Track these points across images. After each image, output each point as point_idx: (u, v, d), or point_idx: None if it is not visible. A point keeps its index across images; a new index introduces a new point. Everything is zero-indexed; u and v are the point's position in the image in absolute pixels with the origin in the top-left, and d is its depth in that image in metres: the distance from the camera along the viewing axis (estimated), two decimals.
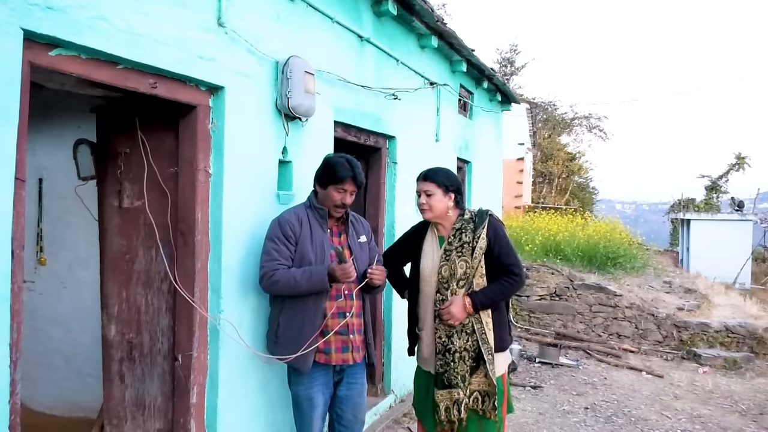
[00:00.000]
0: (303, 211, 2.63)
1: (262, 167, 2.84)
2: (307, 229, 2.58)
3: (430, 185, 2.75)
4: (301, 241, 2.55)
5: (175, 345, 2.62)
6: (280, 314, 2.58)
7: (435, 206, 2.75)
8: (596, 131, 29.38)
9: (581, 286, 7.92)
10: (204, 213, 2.54)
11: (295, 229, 2.55)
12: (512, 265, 2.67)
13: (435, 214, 2.77)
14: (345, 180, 2.58)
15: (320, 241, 2.59)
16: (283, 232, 2.53)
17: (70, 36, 1.87)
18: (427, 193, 2.76)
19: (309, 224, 2.60)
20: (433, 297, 2.74)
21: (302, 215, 2.61)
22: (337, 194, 2.60)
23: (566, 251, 9.90)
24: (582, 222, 13.38)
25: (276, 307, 2.63)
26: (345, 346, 2.63)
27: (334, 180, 2.58)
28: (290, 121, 3.02)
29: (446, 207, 2.75)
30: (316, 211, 2.63)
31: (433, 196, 2.75)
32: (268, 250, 2.53)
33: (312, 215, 2.63)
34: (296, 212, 2.62)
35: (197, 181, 2.51)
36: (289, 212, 2.62)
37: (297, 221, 2.58)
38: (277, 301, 2.61)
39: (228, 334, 2.58)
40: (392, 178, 4.46)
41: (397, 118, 4.42)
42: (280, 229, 2.54)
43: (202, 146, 2.53)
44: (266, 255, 2.52)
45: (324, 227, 2.64)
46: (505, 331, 2.76)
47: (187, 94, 2.43)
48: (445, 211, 2.76)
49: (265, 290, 2.57)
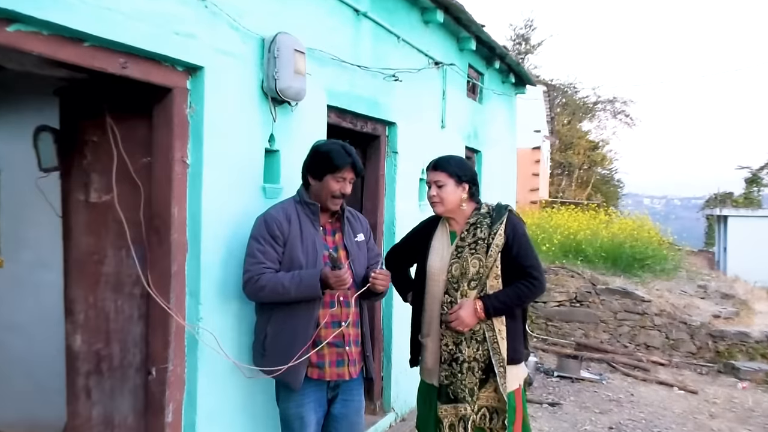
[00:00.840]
0: (292, 207, 2.62)
1: (246, 157, 2.84)
2: (297, 228, 2.57)
3: (441, 175, 2.76)
4: (289, 241, 2.55)
5: (148, 357, 2.63)
6: (268, 324, 2.58)
7: (447, 199, 2.76)
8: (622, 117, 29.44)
9: (605, 291, 7.93)
10: (181, 208, 2.55)
11: (283, 228, 2.54)
12: (532, 268, 2.68)
13: (447, 208, 2.78)
14: (344, 167, 2.58)
15: (312, 240, 2.59)
16: (269, 232, 2.52)
17: (30, 10, 1.86)
18: (437, 184, 2.76)
19: (299, 222, 2.59)
20: (440, 299, 2.75)
21: (291, 212, 2.60)
22: (335, 184, 2.60)
23: (588, 252, 9.92)
24: (605, 219, 13.38)
25: (263, 315, 2.63)
26: (340, 359, 2.63)
27: (332, 168, 2.58)
28: (278, 106, 3.03)
29: (459, 199, 2.76)
30: (307, 207, 2.63)
31: (444, 188, 2.75)
32: (252, 251, 2.52)
33: (302, 211, 2.62)
34: (284, 208, 2.61)
35: (173, 173, 2.51)
36: (275, 208, 2.61)
37: (285, 219, 2.56)
38: (265, 310, 2.61)
39: (208, 344, 2.58)
40: (392, 170, 4.47)
41: (397, 103, 4.42)
42: (266, 227, 2.53)
43: (179, 134, 2.53)
44: (250, 257, 2.52)
45: (316, 225, 2.63)
46: (519, 342, 2.78)
47: (162, 75, 2.43)
48: (457, 204, 2.77)
49: (250, 297, 2.57)
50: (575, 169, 27.25)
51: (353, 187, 2.72)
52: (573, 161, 26.79)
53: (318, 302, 2.54)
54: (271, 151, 3.03)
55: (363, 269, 2.77)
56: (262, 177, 2.97)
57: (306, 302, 2.51)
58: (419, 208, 4.82)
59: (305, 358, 2.52)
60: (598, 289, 8.00)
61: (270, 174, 3.03)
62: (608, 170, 30.88)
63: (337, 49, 3.57)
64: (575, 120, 28.94)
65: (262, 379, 2.69)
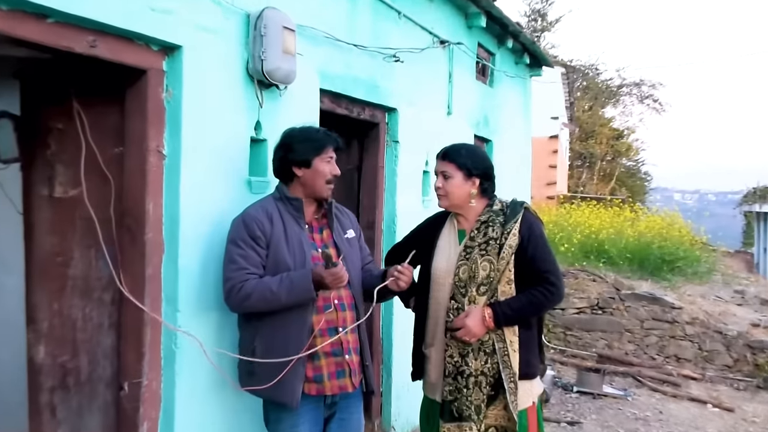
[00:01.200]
0: (272, 205, 2.61)
1: (229, 147, 2.84)
2: (280, 227, 2.57)
3: (448, 166, 2.77)
4: (273, 242, 2.54)
5: (120, 370, 2.63)
6: (255, 337, 2.56)
7: (452, 192, 2.76)
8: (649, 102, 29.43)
9: (630, 297, 7.94)
10: (156, 204, 2.55)
11: (264, 228, 2.53)
12: (549, 273, 2.67)
13: (452, 203, 2.79)
14: (327, 145, 2.63)
15: (298, 240, 2.58)
16: (250, 233, 2.51)
17: None
18: (444, 175, 2.78)
19: (282, 220, 2.58)
20: (445, 305, 2.75)
21: (272, 210, 2.59)
22: (326, 166, 2.62)
23: (611, 253, 9.92)
24: (631, 216, 13.40)
25: (248, 328, 2.61)
26: (341, 369, 2.63)
27: (317, 149, 2.61)
28: (265, 90, 3.02)
29: (467, 194, 2.76)
30: (289, 203, 2.62)
31: (451, 180, 2.76)
32: (232, 257, 2.50)
33: (284, 209, 2.62)
34: (264, 207, 2.60)
35: (148, 165, 2.51)
36: (254, 208, 2.60)
37: (266, 218, 2.55)
38: (251, 321, 2.59)
39: (188, 356, 2.59)
40: (393, 161, 4.47)
41: (399, 86, 4.42)
42: (246, 229, 2.52)
43: (154, 121, 2.53)
44: (231, 264, 2.50)
45: (301, 222, 2.63)
46: (533, 354, 2.78)
47: (136, 56, 2.43)
48: (465, 200, 2.77)
49: (234, 308, 2.56)
50: (597, 160, 27.24)
51: (349, 182, 2.73)
52: (595, 151, 26.78)
53: (311, 307, 2.54)
54: (258, 140, 3.03)
55: (358, 269, 2.77)
56: (248, 169, 2.97)
57: (297, 308, 2.51)
58: (423, 204, 4.82)
59: (301, 372, 2.52)
60: (623, 294, 8.00)
61: (256, 166, 3.03)
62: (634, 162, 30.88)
63: (331, 27, 3.57)
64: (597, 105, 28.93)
65: (248, 397, 2.69)
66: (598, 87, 29.09)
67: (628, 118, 30.51)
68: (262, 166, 3.06)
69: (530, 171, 8.45)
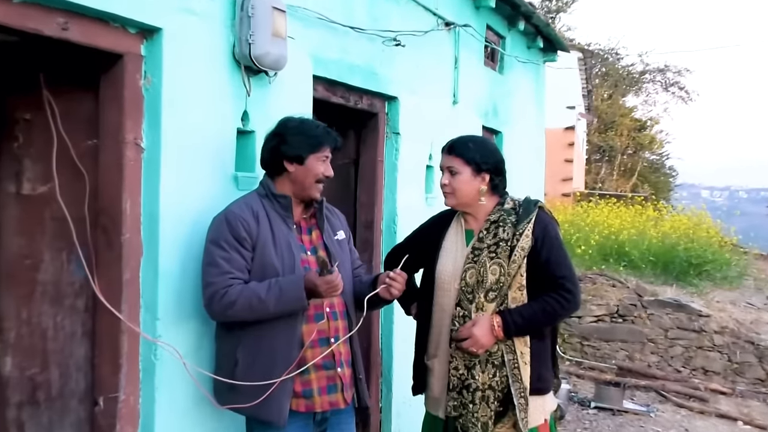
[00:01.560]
0: (257, 203, 2.61)
1: (214, 139, 2.85)
2: (267, 227, 2.56)
3: (455, 160, 2.77)
4: (260, 244, 2.54)
5: (94, 384, 2.63)
6: (237, 348, 2.55)
7: (460, 190, 2.77)
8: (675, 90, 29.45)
9: (653, 304, 7.96)
10: (134, 202, 2.56)
11: (250, 228, 2.53)
12: (564, 279, 2.68)
13: (460, 201, 2.79)
14: (324, 144, 2.62)
15: (286, 242, 2.58)
16: (233, 234, 2.50)
17: None
18: (451, 171, 2.78)
19: (268, 220, 2.58)
20: (450, 312, 2.76)
21: (257, 208, 2.59)
22: (320, 165, 2.62)
23: (632, 255, 9.94)
24: (655, 215, 13.41)
25: (230, 338, 2.61)
26: (332, 383, 2.63)
27: (314, 146, 2.60)
28: (253, 77, 3.03)
29: (476, 192, 2.77)
30: (276, 201, 2.62)
31: (458, 176, 2.77)
32: (213, 260, 2.49)
33: (270, 207, 2.61)
34: (248, 204, 2.59)
35: (125, 159, 2.51)
36: (237, 205, 2.59)
37: (252, 217, 2.55)
38: (233, 330, 2.59)
39: (168, 368, 2.60)
40: (393, 155, 4.48)
41: (400, 73, 4.43)
42: (230, 229, 2.51)
43: (132, 110, 2.53)
44: (213, 267, 2.49)
45: (289, 222, 2.63)
46: (547, 367, 2.79)
47: (111, 39, 2.43)
48: (474, 197, 2.78)
49: (215, 316, 2.56)
50: (617, 154, 27.24)
51: (345, 178, 2.74)
52: (615, 144, 26.79)
53: (301, 316, 2.54)
54: (245, 132, 3.03)
55: (350, 273, 2.79)
56: (234, 164, 2.97)
57: (286, 317, 2.51)
58: (426, 202, 4.82)
59: (289, 387, 2.52)
60: (645, 301, 8.02)
61: (243, 160, 3.04)
62: (658, 155, 30.90)
63: (326, 7, 3.58)
64: (618, 94, 28.94)
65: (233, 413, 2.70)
66: (618, 73, 29.09)
67: (651, 107, 30.58)
68: (249, 161, 3.06)
69: (544, 166, 8.45)
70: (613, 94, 28.70)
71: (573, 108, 19.09)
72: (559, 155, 18.01)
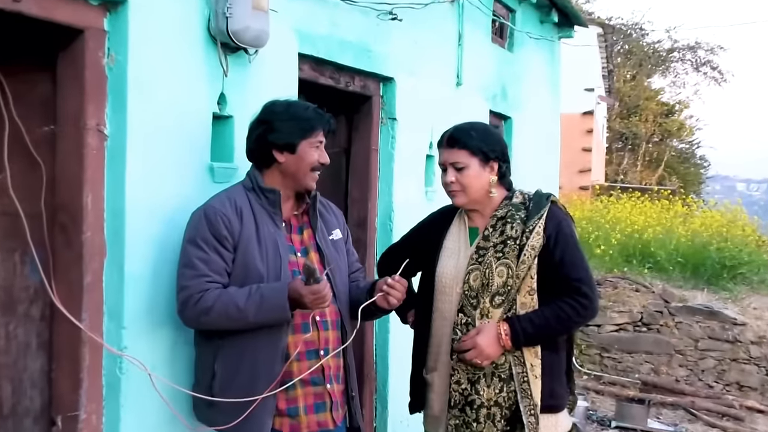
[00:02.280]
0: (241, 197, 2.61)
1: (186, 125, 2.85)
2: (251, 225, 2.56)
3: (460, 154, 2.75)
4: (242, 244, 2.53)
5: (52, 401, 2.63)
6: (215, 359, 2.56)
7: (470, 186, 2.75)
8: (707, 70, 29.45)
9: (682, 310, 7.97)
10: (96, 196, 2.55)
11: (232, 226, 2.52)
12: (581, 282, 2.68)
13: (472, 198, 2.78)
14: (317, 127, 2.61)
15: (273, 242, 2.58)
16: (213, 232, 2.50)
17: None
18: (456, 167, 2.76)
19: (253, 217, 2.58)
20: (452, 320, 2.76)
21: (241, 203, 2.59)
22: (314, 151, 2.61)
23: (658, 256, 9.96)
24: (684, 211, 13.44)
25: (208, 348, 2.61)
26: (320, 401, 2.64)
27: (305, 131, 2.59)
28: (231, 54, 3.03)
29: (487, 184, 2.77)
30: (263, 196, 2.62)
31: (466, 171, 2.75)
32: (190, 260, 2.50)
33: (256, 202, 2.61)
34: (231, 198, 2.59)
35: (86, 147, 2.51)
36: (219, 200, 2.59)
37: (234, 213, 2.55)
38: (212, 339, 2.59)
39: (136, 382, 2.59)
40: (389, 143, 4.49)
41: (396, 50, 4.43)
42: (209, 226, 2.51)
43: (93, 92, 2.53)
44: (189, 269, 2.49)
45: (277, 220, 2.63)
46: (560, 382, 2.80)
47: (70, 12, 2.42)
48: (485, 191, 2.78)
49: (189, 323, 2.57)
50: (642, 142, 27.30)
51: (335, 169, 2.74)
52: (639, 131, 26.84)
53: (286, 326, 2.54)
54: (222, 117, 3.03)
55: (345, 279, 2.79)
56: (209, 153, 2.97)
57: (269, 326, 2.51)
58: (426, 196, 4.83)
59: (271, 404, 2.52)
60: (673, 307, 8.03)
61: (220, 149, 3.04)
62: (688, 144, 30.95)
63: None
64: (642, 74, 28.96)
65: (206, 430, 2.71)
66: (643, 51, 29.10)
67: (680, 90, 30.59)
68: (227, 150, 3.06)
69: (559, 155, 8.47)
70: (637, 75, 28.71)
71: (592, 90, 19.09)
72: (576, 144, 18.02)
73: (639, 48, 29.19)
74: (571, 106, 15.85)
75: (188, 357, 2.80)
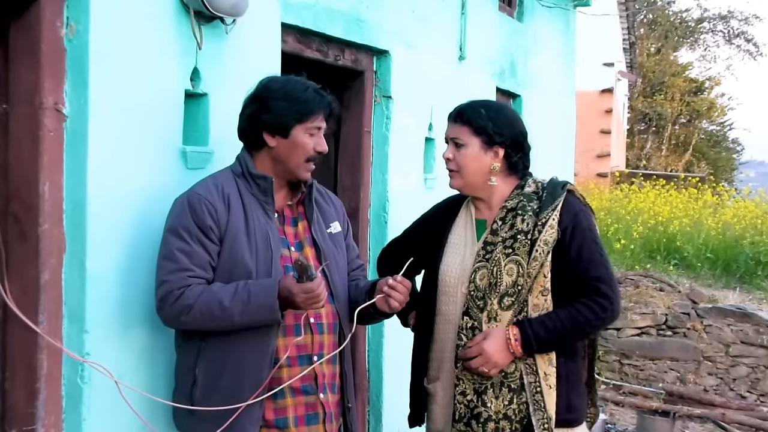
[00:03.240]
0: (230, 183, 2.62)
1: (155, 104, 2.84)
2: (240, 215, 2.57)
3: (461, 130, 2.77)
4: (230, 236, 2.54)
5: (5, 414, 2.62)
6: (197, 362, 2.57)
7: (465, 167, 2.76)
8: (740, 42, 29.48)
9: (711, 312, 7.98)
10: (55, 184, 2.55)
11: (218, 216, 2.53)
12: (599, 281, 2.67)
13: (466, 181, 2.79)
14: (316, 111, 2.59)
15: (264, 234, 2.59)
16: (197, 222, 2.51)
17: None
18: (456, 142, 2.78)
19: (242, 205, 2.59)
20: (456, 323, 2.77)
21: (229, 189, 2.59)
22: (309, 138, 2.60)
23: (685, 251, 9.98)
24: (714, 201, 13.46)
25: (189, 349, 2.62)
26: (312, 412, 2.64)
27: (302, 114, 2.58)
28: (205, 25, 3.02)
29: (486, 170, 2.77)
30: (254, 183, 2.62)
31: (464, 149, 2.76)
32: (171, 252, 2.51)
33: (247, 190, 2.62)
34: (218, 185, 2.60)
35: (42, 129, 2.50)
36: (204, 186, 2.60)
37: (221, 201, 2.56)
38: (193, 340, 2.60)
39: (101, 392, 2.59)
40: (384, 124, 4.49)
41: (392, 20, 4.43)
42: (193, 215, 2.52)
43: (51, 67, 2.52)
44: (169, 261, 2.50)
45: (269, 210, 2.64)
46: (578, 393, 2.80)
47: None
48: (483, 177, 2.78)
49: (168, 322, 2.58)
50: (667, 123, 27.34)
51: (323, 156, 2.72)
52: (664, 111, 26.88)
53: (276, 327, 2.55)
54: (195, 95, 3.03)
55: (344, 277, 2.79)
56: (181, 135, 2.97)
57: (257, 328, 2.52)
58: (425, 184, 4.83)
59: (257, 413, 2.52)
60: (701, 309, 8.04)
61: (193, 131, 3.04)
62: (719, 125, 31.01)
63: None
64: (668, 47, 28.99)
65: None
66: (669, 21, 29.14)
67: (710, 64, 30.82)
68: (201, 132, 3.06)
69: (574, 139, 8.47)
70: (662, 48, 28.74)
71: (611, 65, 19.11)
72: (594, 125, 18.05)
73: (664, 18, 29.22)
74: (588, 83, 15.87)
75: (165, 363, 2.81)
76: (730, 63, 39.11)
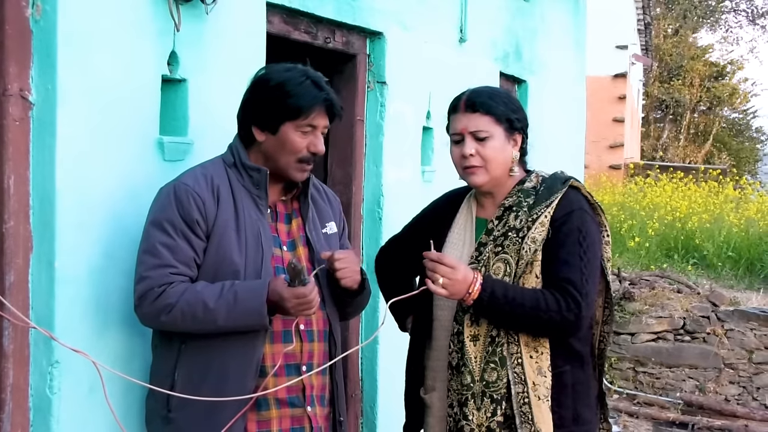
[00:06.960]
0: (220, 173, 2.62)
1: (129, 91, 2.84)
2: (230, 208, 2.57)
3: (483, 120, 2.71)
4: (217, 230, 2.55)
5: None
6: (176, 365, 2.57)
7: (494, 160, 2.71)
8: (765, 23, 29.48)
9: (732, 315, 7.99)
10: (21, 178, 2.55)
11: (206, 209, 2.53)
12: (569, 283, 2.60)
13: (493, 176, 2.74)
14: (312, 108, 2.56)
15: (254, 231, 2.59)
16: (183, 214, 2.51)
17: None
18: (477, 136, 2.72)
19: (233, 198, 2.59)
20: (449, 329, 2.76)
21: (219, 180, 2.59)
22: (300, 138, 2.58)
23: (705, 249, 9.99)
24: (736, 195, 13.47)
25: (168, 352, 2.62)
26: (298, 426, 2.65)
27: (293, 111, 2.55)
28: (184, 4, 3.01)
29: (509, 160, 2.75)
30: (247, 175, 2.62)
31: (489, 141, 2.70)
32: (153, 246, 2.51)
33: (238, 181, 2.62)
34: (207, 175, 2.59)
35: (6, 118, 2.50)
36: (192, 175, 2.60)
37: (210, 192, 2.56)
38: (173, 342, 2.60)
39: (71, 402, 2.59)
40: (378, 113, 4.49)
41: (386, 0, 4.43)
42: (179, 207, 2.51)
43: (15, 52, 2.52)
44: (150, 256, 2.50)
45: (261, 205, 2.64)
46: (587, 404, 2.79)
47: None
48: (506, 169, 2.76)
49: (146, 321, 2.58)
50: (686, 111, 27.38)
51: None
52: (682, 98, 26.90)
53: (263, 333, 2.56)
54: (173, 80, 3.03)
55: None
56: (158, 125, 2.97)
57: (243, 332, 2.52)
58: (423, 177, 4.83)
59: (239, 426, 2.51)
60: (722, 312, 8.05)
61: (171, 120, 3.04)
62: (741, 113, 31.04)
63: None
64: (687, 29, 29.01)
65: None
66: (688, 0, 29.14)
67: (732, 47, 30.78)
68: (180, 121, 3.06)
69: (584, 128, 8.48)
70: (680, 29, 28.76)
71: (625, 48, 19.12)
72: (606, 113, 18.06)
73: None
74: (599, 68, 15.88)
75: (141, 370, 2.80)
76: (754, 45, 39.27)
